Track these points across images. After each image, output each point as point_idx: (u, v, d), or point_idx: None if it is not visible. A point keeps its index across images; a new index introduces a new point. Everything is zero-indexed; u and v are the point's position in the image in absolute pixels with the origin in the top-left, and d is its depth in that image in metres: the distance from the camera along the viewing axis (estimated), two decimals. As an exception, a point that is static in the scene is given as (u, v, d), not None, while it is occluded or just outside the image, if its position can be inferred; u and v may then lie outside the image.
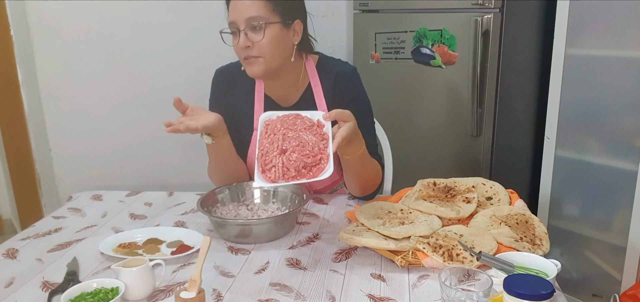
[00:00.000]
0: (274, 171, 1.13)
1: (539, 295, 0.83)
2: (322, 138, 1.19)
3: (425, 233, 1.18)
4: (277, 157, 1.14)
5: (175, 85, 2.57)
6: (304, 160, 1.13)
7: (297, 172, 1.13)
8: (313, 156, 1.14)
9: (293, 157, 1.13)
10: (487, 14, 2.12)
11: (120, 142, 2.62)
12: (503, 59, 2.17)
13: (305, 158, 1.13)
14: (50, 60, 2.49)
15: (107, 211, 1.52)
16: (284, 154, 1.14)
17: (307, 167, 1.14)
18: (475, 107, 2.21)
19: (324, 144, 1.18)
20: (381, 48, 2.43)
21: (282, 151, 1.15)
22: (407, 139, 2.43)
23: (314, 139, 1.17)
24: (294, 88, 1.50)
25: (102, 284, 1.02)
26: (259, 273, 1.13)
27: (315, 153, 1.15)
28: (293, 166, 1.13)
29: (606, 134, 2.09)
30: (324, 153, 1.16)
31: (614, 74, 2.03)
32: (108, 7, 2.44)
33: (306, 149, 1.15)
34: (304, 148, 1.15)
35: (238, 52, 1.39)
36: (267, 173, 1.14)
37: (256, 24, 1.33)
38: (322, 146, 1.17)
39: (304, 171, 1.14)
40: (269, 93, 1.51)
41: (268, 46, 1.35)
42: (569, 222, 2.28)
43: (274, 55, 1.37)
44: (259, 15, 1.32)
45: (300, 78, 1.50)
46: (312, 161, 1.14)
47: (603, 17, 2.02)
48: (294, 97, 1.51)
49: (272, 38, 1.35)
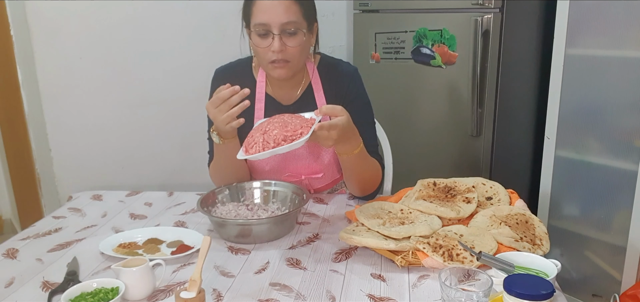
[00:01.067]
0: (255, 147, 1.19)
1: (539, 295, 0.83)
2: (306, 121, 1.23)
3: (425, 233, 1.18)
4: (259, 135, 1.21)
5: (175, 85, 2.57)
6: (284, 133, 1.18)
7: (276, 144, 1.17)
8: (293, 131, 1.19)
9: (273, 133, 1.19)
10: (487, 14, 2.12)
11: (120, 142, 2.61)
12: (503, 59, 2.17)
13: (285, 132, 1.18)
14: (50, 60, 2.49)
15: (107, 211, 1.52)
16: (265, 133, 1.21)
17: (287, 139, 1.18)
18: (475, 107, 2.21)
19: (307, 124, 1.21)
20: (381, 48, 2.43)
21: (265, 131, 1.21)
22: (407, 139, 2.43)
23: (298, 121, 1.22)
24: (296, 88, 1.51)
25: (102, 284, 1.02)
26: (259, 273, 1.13)
27: (296, 129, 1.19)
28: (272, 139, 1.18)
29: (606, 134, 2.09)
30: (306, 129, 1.19)
31: (614, 74, 2.03)
32: (108, 7, 2.43)
33: (288, 127, 1.20)
34: (285, 126, 1.20)
35: (266, 54, 1.37)
36: (249, 150, 1.20)
37: (292, 29, 1.34)
38: (304, 125, 1.21)
39: (282, 143, 1.17)
40: (271, 92, 1.51)
41: (297, 51, 1.37)
42: (569, 222, 2.28)
43: (300, 60, 1.41)
44: (295, 20, 1.34)
45: (302, 78, 1.51)
46: (293, 134, 1.18)
47: (603, 17, 2.02)
48: (294, 96, 1.51)
49: (302, 43, 1.37)
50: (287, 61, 1.37)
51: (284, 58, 1.36)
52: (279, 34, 1.33)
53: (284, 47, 1.35)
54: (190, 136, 2.21)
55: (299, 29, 1.35)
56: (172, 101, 2.58)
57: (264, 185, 1.47)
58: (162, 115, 2.61)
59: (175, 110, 2.59)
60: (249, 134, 1.26)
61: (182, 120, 2.59)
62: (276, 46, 1.33)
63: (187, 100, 2.52)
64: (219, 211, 1.37)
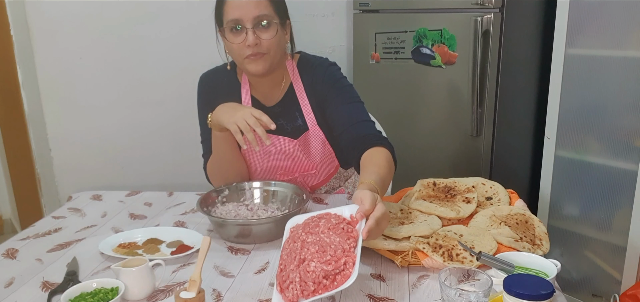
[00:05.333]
0: (292, 288, 0.96)
1: (539, 295, 0.83)
2: (348, 237, 1.01)
3: (425, 233, 1.18)
4: (295, 270, 0.98)
5: (175, 86, 2.56)
6: (324, 268, 0.96)
7: (317, 284, 0.96)
8: (335, 262, 0.97)
9: (311, 267, 0.97)
10: (487, 14, 2.12)
11: (120, 142, 2.61)
12: (503, 59, 2.16)
13: (326, 265, 0.97)
14: (50, 60, 2.48)
15: (107, 211, 1.52)
16: (301, 265, 0.98)
17: (330, 276, 0.96)
18: (475, 107, 2.21)
19: (349, 244, 1.00)
20: (381, 48, 2.43)
21: (300, 261, 0.99)
22: (407, 139, 2.43)
23: (337, 239, 1.01)
24: (278, 87, 1.53)
25: (102, 284, 1.02)
26: (259, 273, 1.13)
27: (338, 257, 0.98)
28: (311, 279, 0.96)
29: (606, 134, 2.09)
30: (350, 255, 0.98)
31: (614, 74, 2.03)
32: (108, 8, 2.43)
33: (327, 254, 0.98)
34: (324, 253, 0.98)
35: (242, 50, 1.39)
36: (285, 292, 0.98)
37: (264, 22, 1.37)
38: (346, 247, 0.99)
39: (325, 282, 0.96)
40: (255, 93, 1.54)
41: (273, 43, 1.39)
42: (569, 222, 2.28)
43: (276, 53, 1.43)
44: (266, 13, 1.37)
45: (283, 77, 1.53)
46: (334, 268, 0.97)
47: (603, 17, 2.02)
48: (278, 96, 1.53)
49: (275, 36, 1.40)
50: (263, 54, 1.39)
51: (259, 51, 1.38)
52: (252, 27, 1.36)
53: (258, 40, 1.37)
54: (190, 136, 2.20)
55: (272, 22, 1.38)
56: (172, 101, 2.58)
57: (263, 185, 1.47)
58: (162, 116, 2.60)
59: (175, 111, 2.59)
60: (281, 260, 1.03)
61: (182, 121, 2.58)
62: (250, 39, 1.36)
63: (187, 100, 2.50)
64: (218, 211, 1.37)
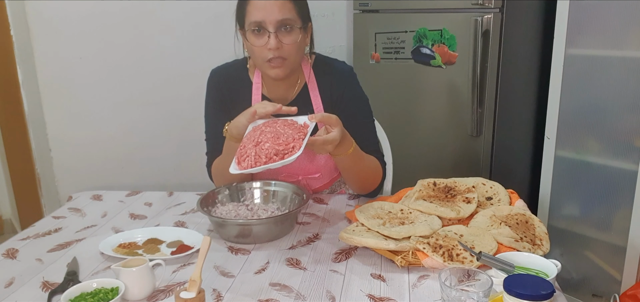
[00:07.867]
0: (247, 160, 1.19)
1: (539, 295, 0.83)
2: (299, 131, 1.22)
3: (425, 233, 1.18)
4: (252, 148, 1.20)
5: (175, 85, 2.57)
6: (276, 147, 1.18)
7: (268, 158, 1.17)
8: (286, 144, 1.18)
9: (265, 147, 1.19)
10: (487, 14, 2.12)
11: (120, 142, 2.61)
12: (503, 59, 2.16)
13: (277, 145, 1.18)
14: (50, 60, 2.48)
15: (107, 211, 1.52)
16: (258, 145, 1.20)
17: (279, 154, 1.17)
18: (475, 107, 2.21)
19: (299, 135, 1.21)
20: (381, 48, 2.43)
21: (257, 143, 1.20)
22: (407, 139, 2.43)
23: (290, 131, 1.22)
24: (292, 88, 1.51)
25: (102, 284, 1.02)
26: (259, 273, 1.13)
27: (289, 142, 1.19)
28: (264, 153, 1.18)
29: (606, 134, 2.09)
30: (298, 142, 1.19)
31: (614, 74, 2.03)
32: (108, 8, 2.43)
33: (280, 139, 1.19)
34: (278, 138, 1.20)
35: (262, 53, 1.37)
36: (242, 163, 1.19)
37: (288, 26, 1.35)
38: (297, 136, 1.20)
39: (275, 158, 1.17)
40: (267, 93, 1.51)
41: (293, 48, 1.37)
42: (569, 222, 2.28)
43: (296, 58, 1.41)
44: (290, 17, 1.34)
45: (298, 78, 1.51)
46: (284, 148, 1.18)
47: (603, 17, 2.02)
48: (290, 96, 1.51)
49: (297, 40, 1.37)
50: (284, 59, 1.37)
51: (280, 55, 1.36)
52: (275, 31, 1.33)
53: (280, 45, 1.35)
54: (190, 136, 2.21)
55: (295, 27, 1.36)
56: (172, 101, 2.58)
57: (264, 185, 1.47)
58: (162, 116, 2.61)
59: (175, 111, 2.59)
60: (242, 144, 1.24)
61: (182, 120, 2.59)
62: (273, 44, 1.33)
63: (187, 100, 2.51)
64: (218, 211, 1.37)
